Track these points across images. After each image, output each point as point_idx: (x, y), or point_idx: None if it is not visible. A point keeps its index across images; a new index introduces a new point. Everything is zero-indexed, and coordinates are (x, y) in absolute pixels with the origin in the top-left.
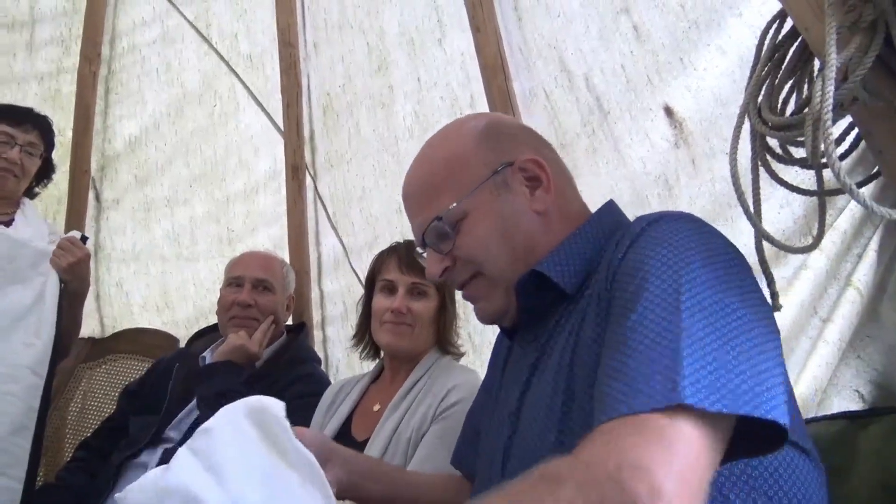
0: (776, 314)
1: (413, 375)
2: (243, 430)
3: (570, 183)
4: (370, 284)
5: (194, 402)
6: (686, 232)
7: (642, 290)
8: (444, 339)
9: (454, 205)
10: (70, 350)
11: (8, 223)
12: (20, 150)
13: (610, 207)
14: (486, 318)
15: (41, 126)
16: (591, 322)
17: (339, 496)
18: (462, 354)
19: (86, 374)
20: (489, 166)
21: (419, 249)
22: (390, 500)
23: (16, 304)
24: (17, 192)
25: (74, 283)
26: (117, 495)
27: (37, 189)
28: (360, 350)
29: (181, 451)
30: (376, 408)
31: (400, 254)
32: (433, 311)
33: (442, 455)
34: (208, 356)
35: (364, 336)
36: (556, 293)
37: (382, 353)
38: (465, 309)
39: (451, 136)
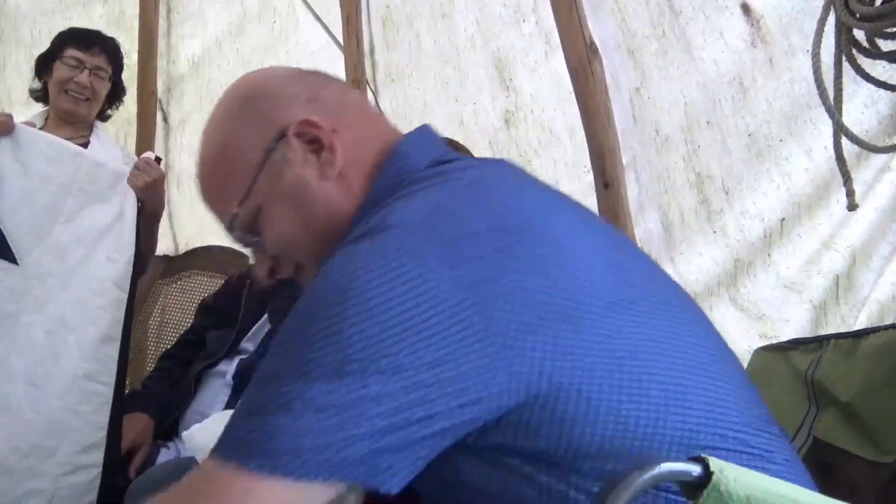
0: (851, 213)
1: None
2: None
3: (365, 121)
4: None
5: (267, 315)
6: (370, 266)
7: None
8: None
9: (236, 210)
10: (147, 266)
11: (84, 146)
12: (89, 74)
13: (401, 153)
14: None
15: (108, 49)
16: None
17: None
18: None
19: (163, 291)
20: (259, 148)
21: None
22: None
23: (98, 223)
24: (89, 116)
25: (151, 202)
26: (184, 433)
27: (109, 112)
28: None
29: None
30: None
31: None
32: None
33: None
34: None
35: None
36: None
37: None
38: None
39: (215, 124)
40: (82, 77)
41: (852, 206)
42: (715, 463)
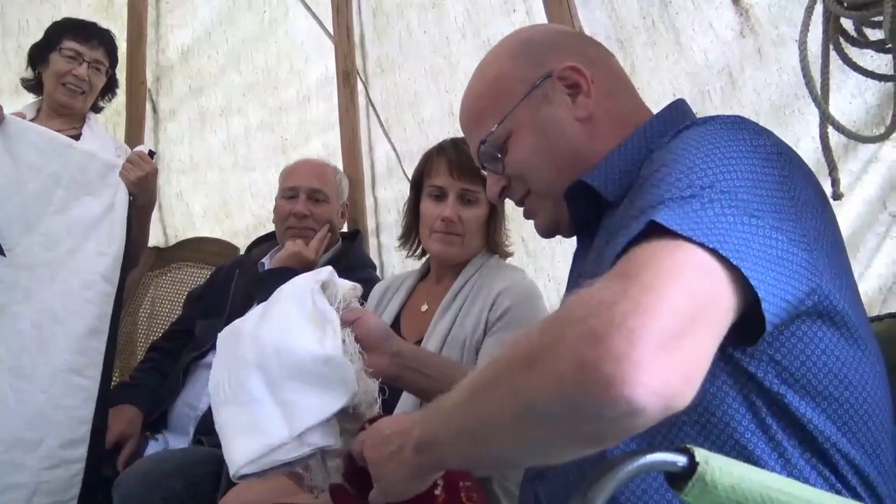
0: (838, 204)
1: (462, 277)
2: (299, 295)
3: (622, 83)
4: (417, 185)
5: (256, 305)
6: (731, 133)
7: (660, 178)
8: (493, 242)
9: (495, 127)
10: (139, 260)
11: (76, 137)
12: (88, 67)
13: (675, 107)
14: (541, 233)
15: (106, 42)
16: (617, 228)
17: (384, 381)
18: (510, 254)
19: (153, 282)
20: (527, 82)
21: (483, 172)
22: (433, 393)
23: (88, 214)
24: (84, 109)
25: (142, 196)
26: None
27: (101, 104)
28: (407, 251)
29: (259, 306)
30: (424, 308)
31: (449, 156)
32: (483, 217)
33: None
34: (267, 262)
35: (410, 237)
36: (603, 202)
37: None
38: (518, 213)
39: (490, 58)
40: (81, 70)
41: (837, 196)
42: (700, 453)
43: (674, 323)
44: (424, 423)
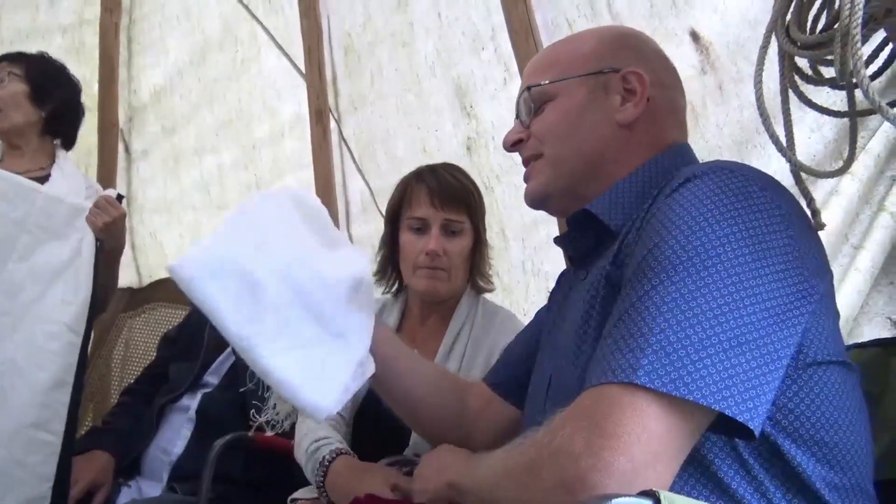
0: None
1: (455, 321)
2: (286, 213)
3: (674, 113)
4: (394, 217)
5: (230, 347)
6: (730, 194)
7: (656, 257)
8: (479, 274)
9: (546, 82)
10: (108, 305)
11: (45, 179)
12: None
13: (681, 147)
14: (528, 197)
15: (11, 56)
16: (614, 264)
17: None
18: (492, 290)
19: (126, 324)
20: (596, 65)
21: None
22: (402, 393)
23: (53, 260)
24: (11, 129)
25: (110, 241)
26: (170, 264)
27: (60, 127)
28: (384, 287)
29: (226, 221)
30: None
31: (430, 185)
32: (468, 249)
33: None
34: None
35: (387, 272)
36: (605, 228)
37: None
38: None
39: (586, 31)
40: None
41: (819, 227)
42: (666, 497)
43: (631, 469)
44: (460, 473)
